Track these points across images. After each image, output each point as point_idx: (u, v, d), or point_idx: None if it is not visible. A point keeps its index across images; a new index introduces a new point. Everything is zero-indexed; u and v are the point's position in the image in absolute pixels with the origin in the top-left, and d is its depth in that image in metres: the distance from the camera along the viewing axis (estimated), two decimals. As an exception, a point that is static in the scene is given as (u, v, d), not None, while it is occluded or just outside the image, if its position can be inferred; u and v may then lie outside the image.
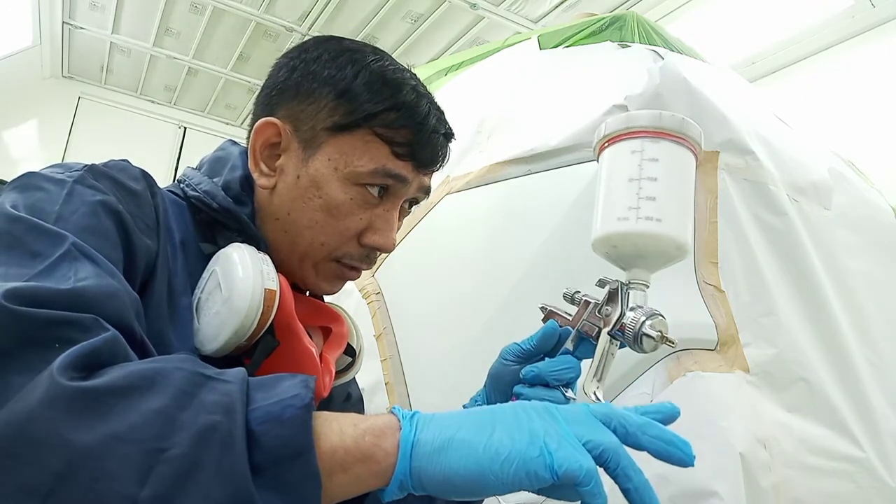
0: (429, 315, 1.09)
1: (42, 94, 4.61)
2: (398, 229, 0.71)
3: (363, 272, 0.71)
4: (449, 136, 0.69)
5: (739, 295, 0.93)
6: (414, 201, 0.71)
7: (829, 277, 1.01)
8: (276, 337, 0.59)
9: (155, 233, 0.56)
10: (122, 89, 4.94)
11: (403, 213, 0.70)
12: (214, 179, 0.65)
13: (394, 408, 0.43)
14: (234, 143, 0.72)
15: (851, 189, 1.17)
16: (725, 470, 0.80)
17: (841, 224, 1.09)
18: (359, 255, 0.66)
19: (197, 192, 0.64)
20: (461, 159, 1.20)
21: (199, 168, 0.69)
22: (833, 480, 0.87)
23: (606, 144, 0.59)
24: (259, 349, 0.58)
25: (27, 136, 4.65)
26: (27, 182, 0.50)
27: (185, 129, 5.19)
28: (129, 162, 0.59)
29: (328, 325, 0.72)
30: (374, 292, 1.17)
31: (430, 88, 0.73)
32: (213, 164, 0.69)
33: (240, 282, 0.56)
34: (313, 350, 0.62)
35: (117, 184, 0.54)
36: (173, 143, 5.07)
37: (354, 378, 0.83)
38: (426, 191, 0.70)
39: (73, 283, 0.41)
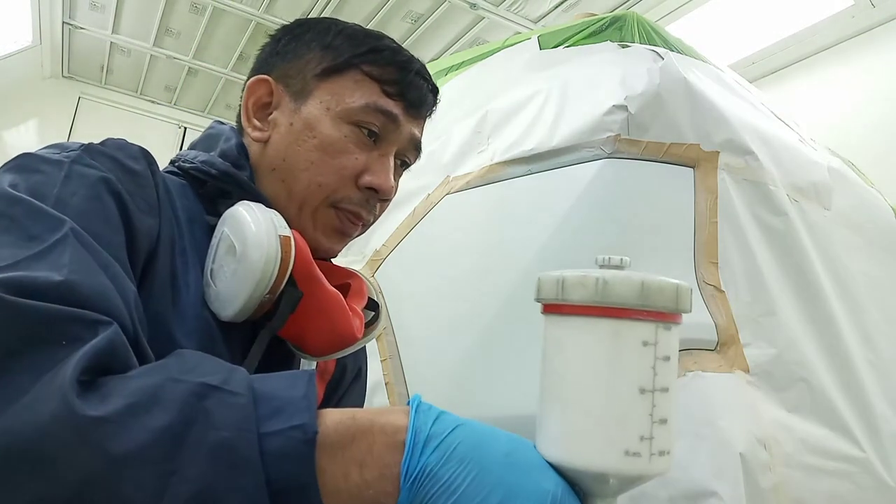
0: (429, 315, 1.09)
1: (42, 94, 4.62)
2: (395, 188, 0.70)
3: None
4: (434, 90, 0.70)
5: (739, 295, 0.93)
6: (405, 161, 0.70)
7: (829, 277, 1.01)
8: (298, 288, 0.57)
9: (156, 212, 0.54)
10: (122, 89, 4.95)
11: (397, 172, 0.69)
12: (211, 153, 0.65)
13: (405, 450, 0.40)
14: (222, 122, 0.71)
15: (851, 189, 1.17)
16: (725, 470, 0.80)
17: (841, 224, 1.09)
18: (358, 199, 0.64)
19: (194, 163, 0.63)
20: (461, 159, 1.20)
21: (191, 149, 0.68)
22: (833, 480, 0.87)
23: (585, 311, 0.39)
24: (283, 303, 0.57)
25: (27, 136, 4.66)
26: (24, 163, 0.49)
27: (185, 129, 5.19)
28: (126, 140, 0.57)
29: (346, 281, 0.71)
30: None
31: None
32: (206, 142, 0.68)
33: (252, 234, 0.54)
34: (340, 295, 0.61)
35: (116, 162, 0.52)
36: (173, 143, 5.07)
37: (366, 353, 0.83)
38: (416, 146, 0.70)
39: (67, 275, 0.40)
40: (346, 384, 0.77)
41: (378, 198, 0.65)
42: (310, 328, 0.59)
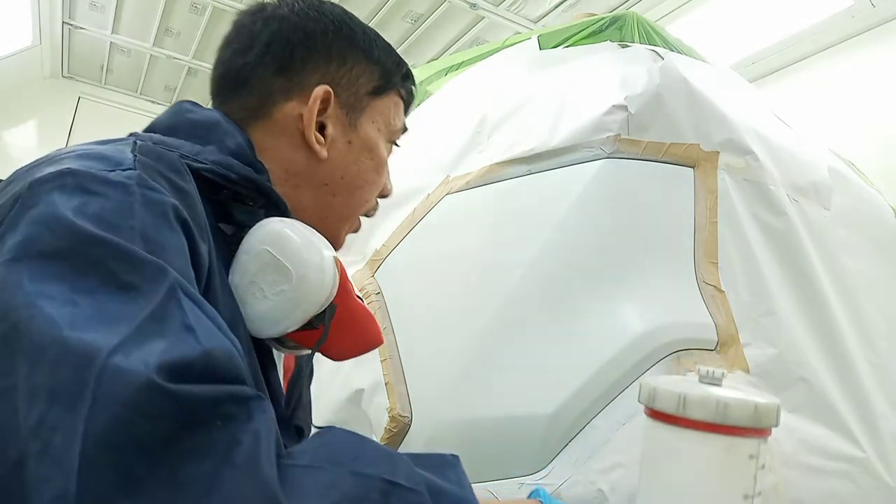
0: (429, 315, 1.09)
1: (42, 94, 4.62)
2: None
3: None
4: None
5: (739, 295, 0.93)
6: None
7: (829, 277, 1.01)
8: (333, 301, 0.58)
9: (207, 235, 0.50)
10: (122, 89, 4.95)
11: None
12: (209, 147, 0.57)
13: None
14: (195, 103, 0.64)
15: (851, 189, 1.17)
16: (725, 470, 0.80)
17: (841, 224, 1.09)
18: (374, 207, 0.70)
19: (205, 164, 0.54)
20: (461, 159, 1.20)
21: (169, 135, 0.58)
22: (833, 480, 0.87)
23: (704, 427, 0.43)
24: (327, 317, 0.57)
25: (27, 136, 4.66)
26: (77, 183, 0.42)
27: (185, 129, 5.19)
28: (157, 148, 0.51)
29: None
30: (374, 292, 1.17)
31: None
32: (196, 130, 0.59)
33: (309, 255, 0.54)
34: (363, 304, 0.64)
35: (170, 182, 0.47)
36: (173, 143, 5.07)
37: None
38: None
39: (203, 343, 0.38)
40: (302, 380, 0.77)
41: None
42: (338, 336, 0.61)
